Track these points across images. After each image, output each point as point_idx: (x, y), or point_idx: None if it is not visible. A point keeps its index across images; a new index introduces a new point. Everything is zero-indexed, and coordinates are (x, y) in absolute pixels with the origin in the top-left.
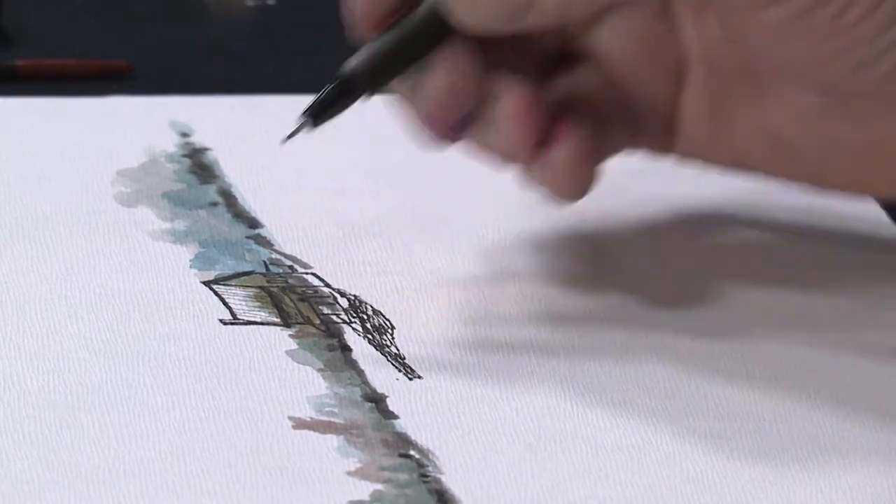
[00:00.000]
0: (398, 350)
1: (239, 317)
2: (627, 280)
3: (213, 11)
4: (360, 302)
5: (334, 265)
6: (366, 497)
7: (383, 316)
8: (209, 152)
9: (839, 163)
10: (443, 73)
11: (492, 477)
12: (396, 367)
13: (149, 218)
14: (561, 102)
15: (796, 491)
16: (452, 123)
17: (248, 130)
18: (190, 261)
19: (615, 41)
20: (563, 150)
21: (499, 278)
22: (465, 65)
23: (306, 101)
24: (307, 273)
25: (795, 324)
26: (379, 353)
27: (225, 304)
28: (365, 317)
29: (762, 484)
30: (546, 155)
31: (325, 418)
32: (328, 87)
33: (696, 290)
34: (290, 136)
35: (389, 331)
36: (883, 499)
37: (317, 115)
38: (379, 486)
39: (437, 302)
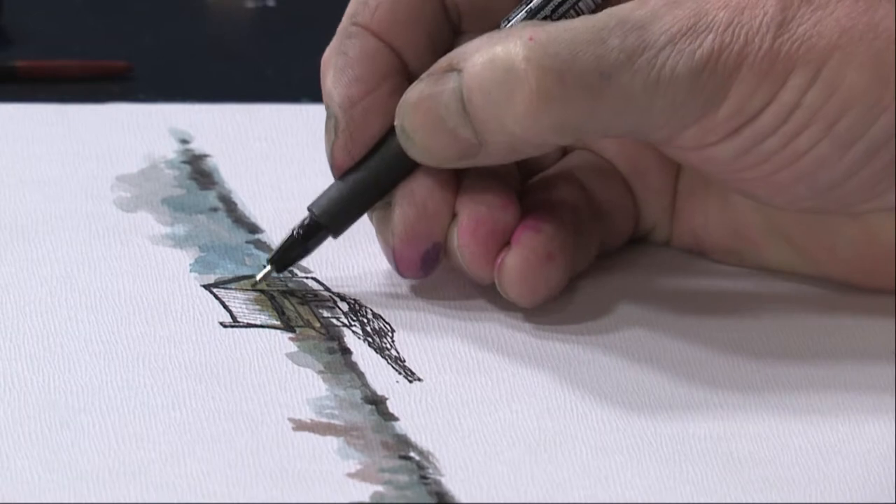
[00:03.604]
0: (398, 353)
1: (239, 320)
2: (628, 281)
3: (213, 12)
4: (360, 305)
5: (334, 270)
6: (366, 499)
7: (383, 319)
8: (209, 159)
9: (835, 255)
10: (404, 209)
11: (492, 479)
12: (396, 370)
13: (149, 222)
14: (568, 211)
15: (796, 492)
16: (419, 258)
17: (247, 137)
18: (190, 265)
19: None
20: (514, 259)
21: None
22: (429, 197)
23: (305, 109)
24: (307, 277)
25: (795, 324)
26: (379, 355)
27: (225, 307)
28: (365, 320)
29: (762, 486)
30: (499, 263)
31: (325, 420)
32: (292, 231)
33: (695, 290)
34: (256, 283)
35: (389, 334)
36: (882, 499)
37: (281, 261)
38: (379, 488)
39: (437, 305)
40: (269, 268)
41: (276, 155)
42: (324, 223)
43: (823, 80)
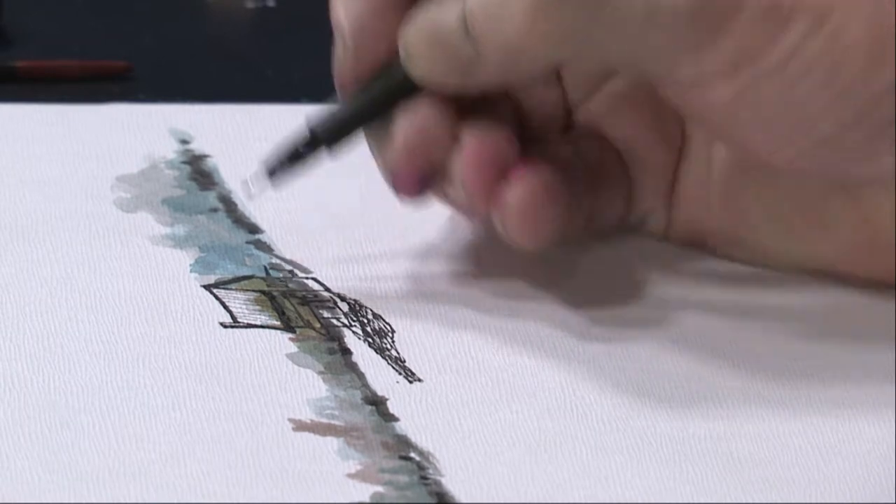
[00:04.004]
0: (398, 353)
1: (239, 320)
2: (626, 282)
3: (214, 13)
4: (361, 306)
5: (334, 270)
6: (366, 499)
7: (383, 320)
8: (209, 159)
9: (838, 246)
10: (404, 128)
11: (492, 479)
12: (397, 370)
13: (149, 223)
14: (561, 168)
15: (796, 492)
16: (416, 179)
17: (247, 138)
18: (190, 265)
19: (613, 108)
20: (516, 192)
21: (498, 281)
22: (429, 118)
23: (306, 109)
24: (307, 278)
25: (795, 324)
26: (379, 356)
27: (225, 307)
28: (365, 320)
29: (762, 486)
30: (500, 198)
31: (325, 421)
32: (286, 145)
33: (695, 290)
34: (251, 192)
35: (390, 334)
36: (881, 499)
37: (274, 172)
38: (379, 489)
39: (438, 305)
40: (262, 176)
41: None
42: (321, 137)
43: (826, 29)
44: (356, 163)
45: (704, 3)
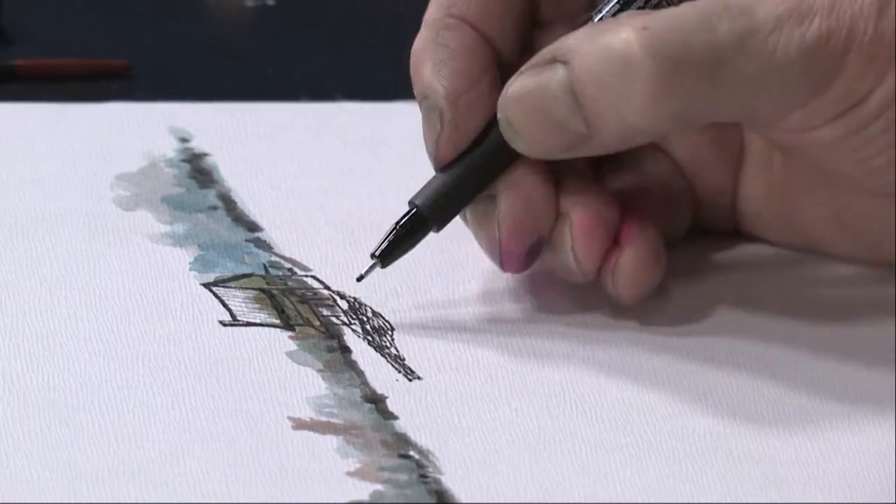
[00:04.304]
0: (398, 351)
1: (239, 318)
2: None
3: (213, 11)
4: (360, 304)
5: (333, 268)
6: (365, 497)
7: (383, 317)
8: (208, 157)
9: None
10: (511, 203)
11: (491, 477)
12: (396, 368)
13: (148, 221)
14: (627, 193)
15: (795, 490)
16: (523, 252)
17: (246, 136)
18: (189, 263)
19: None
20: (628, 257)
21: (498, 279)
22: (533, 190)
23: (304, 107)
24: (307, 276)
25: (795, 323)
26: (378, 354)
27: (225, 305)
28: (365, 318)
29: (761, 483)
30: (610, 262)
31: (324, 419)
32: (396, 225)
33: (693, 287)
34: (362, 277)
35: (389, 332)
36: (881, 498)
37: (387, 254)
38: (378, 487)
39: (437, 303)
40: (374, 262)
41: (276, 153)
42: (429, 217)
43: None
44: (355, 164)
45: (815, 49)
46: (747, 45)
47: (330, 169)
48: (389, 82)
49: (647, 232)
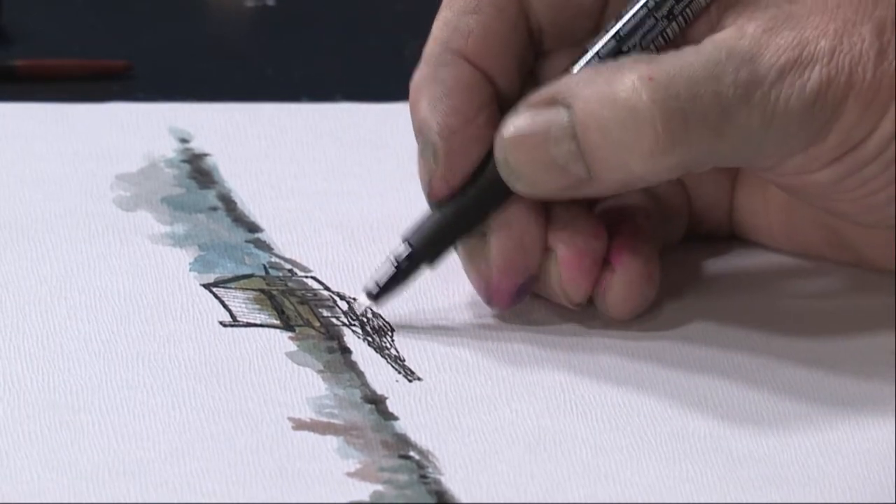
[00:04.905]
0: (398, 352)
1: (239, 319)
2: None
3: (213, 11)
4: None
5: (333, 269)
6: (365, 498)
7: (383, 318)
8: (208, 158)
9: (883, 245)
10: (502, 242)
11: (491, 477)
12: (396, 369)
13: (148, 222)
14: (621, 209)
15: (795, 491)
16: (514, 290)
17: (247, 136)
18: (189, 264)
19: None
20: (621, 279)
21: None
22: (525, 229)
23: (304, 108)
24: (307, 276)
25: (795, 323)
26: (379, 354)
27: (225, 306)
28: (365, 319)
29: (761, 484)
30: (602, 285)
31: (324, 419)
32: (390, 265)
33: (693, 287)
34: (361, 314)
35: (389, 333)
36: (881, 498)
37: (381, 295)
38: (379, 487)
39: (437, 304)
40: (369, 302)
41: (276, 154)
42: (423, 254)
43: None
44: (355, 164)
45: (815, 99)
46: (751, 98)
47: (330, 170)
48: (389, 83)
49: (639, 252)
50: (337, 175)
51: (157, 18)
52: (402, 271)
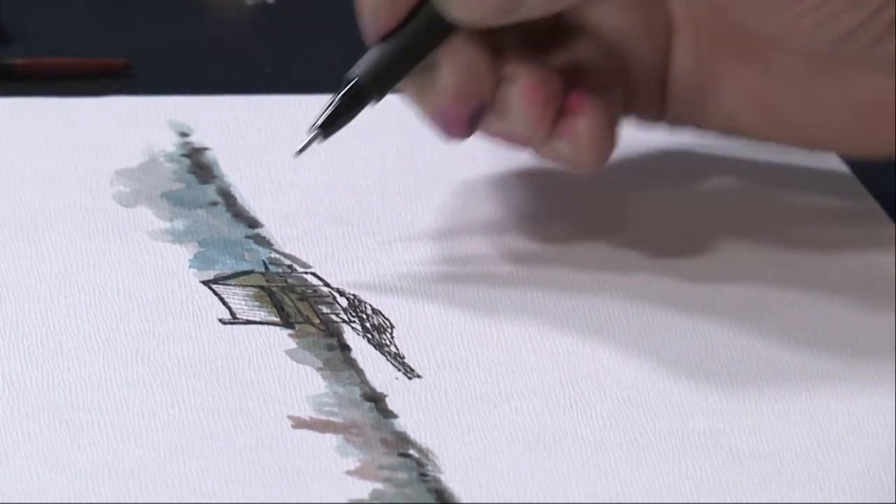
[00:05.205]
0: (397, 349)
1: (238, 316)
2: (627, 280)
3: (213, 10)
4: (360, 301)
5: (333, 264)
6: (365, 496)
7: (382, 315)
8: (208, 152)
9: (827, 124)
10: (452, 69)
11: (491, 475)
12: (396, 367)
13: (148, 217)
14: (560, 75)
15: (795, 487)
16: (467, 117)
17: (247, 130)
18: (189, 260)
19: (605, 10)
20: (587, 121)
21: (499, 277)
22: (473, 57)
23: (305, 100)
24: (306, 272)
25: (796, 320)
26: (378, 352)
27: (224, 303)
28: (364, 316)
29: (761, 481)
30: (567, 128)
31: (324, 417)
32: (336, 97)
33: (695, 284)
34: (302, 149)
35: (389, 330)
36: (882, 498)
37: (327, 126)
38: (378, 485)
39: (437, 301)
40: (315, 133)
41: (276, 147)
42: (368, 87)
43: None
44: (355, 159)
45: None
46: None
47: (329, 165)
48: None
49: (600, 97)
50: (337, 170)
51: (157, 17)
52: (348, 104)
